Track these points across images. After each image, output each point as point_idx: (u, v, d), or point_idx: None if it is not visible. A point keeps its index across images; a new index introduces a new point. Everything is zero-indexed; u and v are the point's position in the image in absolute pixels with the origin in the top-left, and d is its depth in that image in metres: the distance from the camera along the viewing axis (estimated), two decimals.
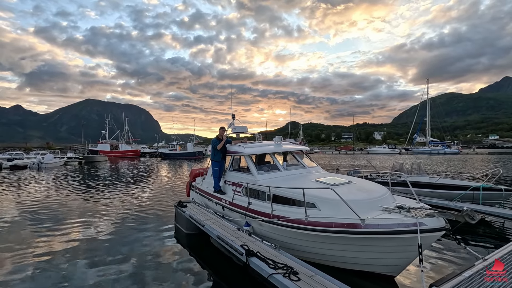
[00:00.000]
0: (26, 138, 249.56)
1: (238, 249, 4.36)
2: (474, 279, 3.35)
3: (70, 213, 8.96)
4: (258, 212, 5.25)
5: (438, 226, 3.65)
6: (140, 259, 5.37)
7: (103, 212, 9.03)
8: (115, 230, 7.15)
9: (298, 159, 6.97)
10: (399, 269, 4.22)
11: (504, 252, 4.09)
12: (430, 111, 66.28)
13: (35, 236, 6.74)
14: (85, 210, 9.43)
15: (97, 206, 10.06)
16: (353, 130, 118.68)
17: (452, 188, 8.46)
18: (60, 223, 7.81)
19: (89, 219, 8.24)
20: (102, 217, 8.41)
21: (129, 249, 5.89)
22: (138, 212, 8.98)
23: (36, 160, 27.39)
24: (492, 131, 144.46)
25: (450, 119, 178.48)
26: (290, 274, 3.54)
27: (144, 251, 5.76)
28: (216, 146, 6.77)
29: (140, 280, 4.54)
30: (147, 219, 8.16)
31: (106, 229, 7.28)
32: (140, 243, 6.20)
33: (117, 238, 6.60)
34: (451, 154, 53.64)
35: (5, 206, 10.05)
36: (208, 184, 7.44)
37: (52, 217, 8.55)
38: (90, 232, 7.04)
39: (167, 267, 5.02)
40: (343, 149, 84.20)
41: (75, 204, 10.43)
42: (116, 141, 63.18)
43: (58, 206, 9.99)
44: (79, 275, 4.75)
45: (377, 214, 4.10)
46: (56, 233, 7.00)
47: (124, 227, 7.46)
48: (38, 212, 9.18)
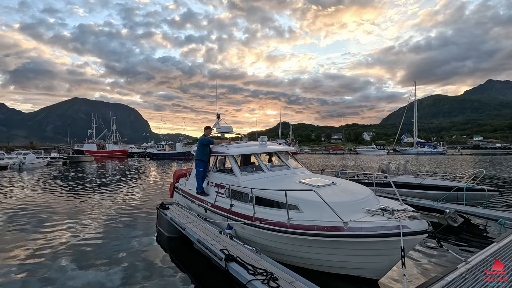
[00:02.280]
0: (10, 137, 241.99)
1: (217, 253, 4.19)
2: (457, 283, 3.28)
3: (50, 216, 8.56)
4: (240, 215, 5.09)
5: (421, 229, 3.58)
6: (119, 263, 5.14)
7: (85, 215, 8.68)
8: (97, 234, 6.87)
9: (283, 160, 6.85)
10: (383, 273, 4.14)
11: (487, 254, 4.06)
12: (418, 113, 67.71)
13: (15, 240, 6.44)
14: (66, 212, 9.04)
15: (79, 208, 9.67)
16: (342, 131, 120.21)
17: (437, 188, 8.52)
18: (40, 226, 7.47)
19: (70, 222, 7.89)
20: (83, 220, 8.06)
21: (109, 253, 5.65)
22: (121, 215, 8.67)
23: (17, 160, 26.40)
24: (476, 132, 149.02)
25: (436, 121, 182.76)
26: (269, 280, 3.39)
27: (123, 255, 5.52)
28: (203, 143, 6.59)
29: (115, 287, 4.31)
30: (130, 222, 7.88)
31: (86, 232, 6.97)
32: (121, 247, 5.96)
33: (98, 242, 6.33)
34: (437, 155, 54.89)
35: None
36: (191, 185, 7.23)
37: (30, 219, 8.18)
38: (69, 236, 6.73)
39: (146, 272, 4.80)
40: (333, 150, 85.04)
41: (56, 206, 9.99)
42: (103, 140, 61.75)
43: (38, 208, 9.56)
44: (58, 279, 4.52)
45: (360, 217, 4.01)
46: (36, 236, 6.71)
47: (106, 230, 7.17)
48: (17, 214, 8.78)
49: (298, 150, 72.75)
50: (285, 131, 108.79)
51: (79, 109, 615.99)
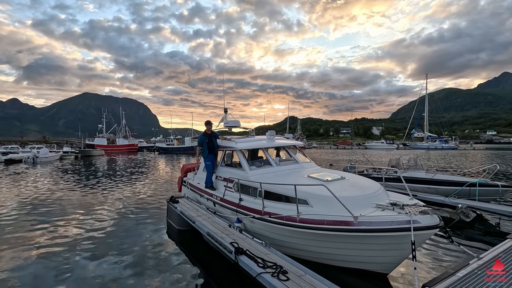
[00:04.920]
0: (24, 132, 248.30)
1: (227, 246, 4.24)
2: (468, 279, 3.24)
3: (63, 208, 8.82)
4: (249, 209, 5.12)
5: (432, 224, 3.54)
6: (130, 255, 5.26)
7: (97, 207, 8.89)
8: (108, 226, 7.03)
9: (291, 154, 6.83)
10: (392, 267, 4.13)
11: (500, 251, 3.99)
12: (429, 106, 66.14)
13: (30, 230, 6.69)
14: (79, 205, 9.30)
15: (91, 201, 9.92)
16: (351, 125, 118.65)
17: (448, 184, 8.37)
18: (54, 218, 7.69)
19: (82, 214, 8.11)
20: (95, 212, 8.27)
21: (120, 245, 5.79)
22: (132, 208, 8.85)
23: (31, 154, 27.11)
24: (490, 127, 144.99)
25: (448, 115, 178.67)
26: (279, 273, 3.42)
27: (135, 247, 5.65)
28: (198, 145, 6.84)
29: (126, 278, 4.42)
30: (140, 215, 8.02)
31: (98, 224, 7.16)
32: (132, 239, 6.10)
33: (110, 233, 6.49)
34: (449, 150, 53.74)
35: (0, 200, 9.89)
36: (200, 179, 7.30)
37: (45, 211, 8.45)
38: (82, 227, 6.92)
39: (157, 264, 4.91)
40: (341, 144, 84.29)
41: (69, 198, 10.28)
42: (113, 135, 62.79)
43: (52, 200, 9.86)
44: (71, 270, 4.69)
45: (370, 211, 3.99)
46: (50, 227, 6.94)
47: (117, 222, 7.34)
48: (32, 206, 9.08)
49: (306, 144, 72.33)
50: (293, 125, 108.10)
51: (90, 104, 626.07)
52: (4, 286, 4.18)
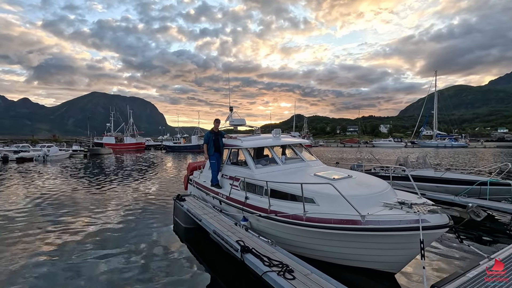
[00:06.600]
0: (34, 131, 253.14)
1: (233, 244, 4.25)
2: (478, 280, 3.18)
3: (73, 205, 8.99)
4: (255, 207, 5.11)
5: (441, 223, 3.48)
6: (137, 252, 5.33)
7: (105, 205, 9.03)
8: (116, 223, 7.13)
9: (297, 152, 6.79)
10: (400, 266, 4.08)
11: (511, 251, 3.89)
12: (438, 104, 65.06)
13: (41, 227, 6.84)
14: (88, 202, 9.45)
15: (99, 198, 10.07)
16: (358, 123, 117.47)
17: (458, 182, 8.20)
18: (63, 215, 7.84)
19: (91, 211, 8.24)
20: (104, 210, 8.39)
21: (128, 242, 5.86)
22: (139, 205, 8.95)
23: (41, 152, 27.62)
24: (501, 125, 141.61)
25: (458, 112, 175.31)
26: (285, 272, 3.41)
27: (142, 244, 5.72)
28: (204, 142, 6.72)
29: (134, 275, 4.47)
30: (147, 213, 8.11)
31: (106, 221, 7.26)
32: (139, 237, 6.16)
33: (118, 231, 6.58)
34: (458, 148, 52.78)
35: (12, 197, 10.11)
36: (205, 177, 7.32)
37: (55, 208, 8.64)
38: (91, 224, 7.04)
39: (164, 261, 4.95)
40: (348, 142, 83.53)
41: (78, 196, 10.46)
42: (121, 134, 63.53)
43: (62, 198, 10.04)
44: (80, 266, 4.76)
45: (378, 210, 3.94)
46: (59, 223, 7.10)
47: (125, 220, 7.43)
48: (43, 202, 9.28)
49: (313, 142, 71.96)
50: (300, 123, 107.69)
51: (98, 103, 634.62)
52: (15, 283, 4.27)
